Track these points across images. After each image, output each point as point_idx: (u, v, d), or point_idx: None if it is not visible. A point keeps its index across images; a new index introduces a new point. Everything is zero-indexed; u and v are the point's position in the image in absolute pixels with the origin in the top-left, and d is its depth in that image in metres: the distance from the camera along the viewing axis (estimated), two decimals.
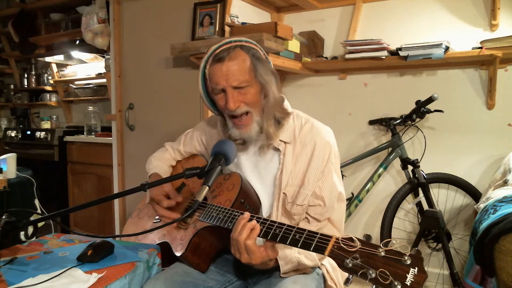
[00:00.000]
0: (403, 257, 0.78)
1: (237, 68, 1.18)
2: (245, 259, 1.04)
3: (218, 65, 1.19)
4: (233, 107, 1.19)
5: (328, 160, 1.24)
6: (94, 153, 3.21)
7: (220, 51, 1.20)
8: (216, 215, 1.16)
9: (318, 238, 0.92)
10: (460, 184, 2.29)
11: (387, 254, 0.80)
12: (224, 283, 1.25)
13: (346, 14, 2.68)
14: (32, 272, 1.07)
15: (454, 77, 2.37)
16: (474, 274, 1.60)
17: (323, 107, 2.75)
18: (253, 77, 1.20)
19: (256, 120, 1.23)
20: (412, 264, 0.77)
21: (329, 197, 1.23)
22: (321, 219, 1.24)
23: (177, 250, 1.21)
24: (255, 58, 1.21)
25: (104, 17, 2.77)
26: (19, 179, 2.40)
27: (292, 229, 0.97)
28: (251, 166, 1.31)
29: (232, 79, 1.18)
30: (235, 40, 1.23)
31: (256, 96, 1.22)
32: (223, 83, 1.19)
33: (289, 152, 1.26)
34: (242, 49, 1.21)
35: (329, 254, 0.87)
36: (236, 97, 1.19)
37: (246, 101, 1.21)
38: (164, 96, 2.39)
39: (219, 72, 1.19)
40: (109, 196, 1.12)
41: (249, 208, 1.22)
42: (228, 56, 1.18)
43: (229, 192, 1.24)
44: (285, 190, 1.23)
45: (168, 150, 1.57)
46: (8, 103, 4.76)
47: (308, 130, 1.28)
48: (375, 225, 2.63)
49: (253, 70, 1.20)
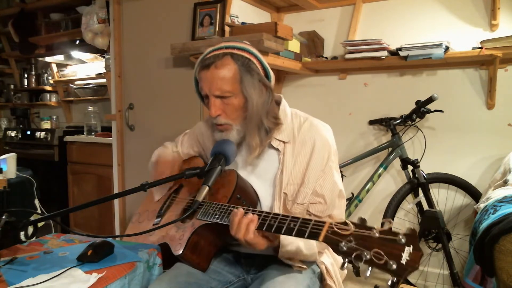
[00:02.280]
0: (398, 236, 0.77)
1: (221, 77, 1.17)
2: (250, 249, 1.08)
3: (204, 71, 1.20)
4: (214, 114, 1.20)
5: (328, 158, 1.24)
6: (94, 153, 3.21)
7: (209, 57, 1.19)
8: (213, 212, 1.16)
9: (312, 224, 0.92)
10: (460, 184, 2.29)
11: (381, 235, 0.79)
12: (226, 284, 1.25)
13: (346, 14, 2.68)
14: (32, 272, 1.07)
15: (454, 77, 2.37)
16: (474, 274, 1.60)
17: (323, 107, 2.75)
18: (238, 88, 1.19)
19: (237, 129, 1.23)
20: (407, 242, 0.76)
21: (330, 195, 1.23)
22: (322, 216, 1.24)
23: (176, 250, 1.21)
24: (244, 68, 1.19)
25: (104, 17, 2.77)
26: (19, 179, 2.41)
27: (286, 218, 0.98)
28: (251, 167, 1.31)
29: (215, 88, 1.18)
30: (227, 46, 1.22)
31: (238, 107, 1.21)
32: (206, 89, 1.20)
33: (289, 151, 1.26)
34: (232, 57, 1.19)
35: (324, 239, 0.87)
36: (218, 105, 1.20)
37: (227, 112, 1.21)
38: (164, 96, 2.39)
39: (204, 78, 1.20)
40: (109, 196, 1.12)
41: (246, 204, 1.22)
42: (214, 64, 1.18)
43: (225, 188, 1.24)
44: (286, 190, 1.23)
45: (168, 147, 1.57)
46: (8, 103, 4.76)
47: (307, 128, 1.27)
48: (375, 225, 2.62)
49: (238, 81, 1.18)
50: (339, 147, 1.32)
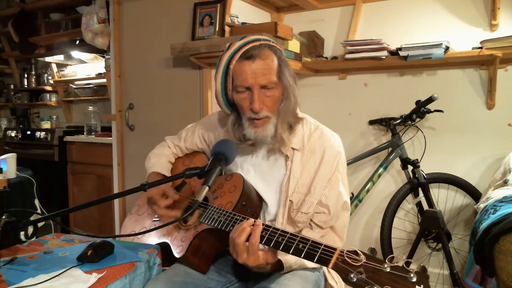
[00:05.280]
0: (409, 274, 0.77)
1: (267, 67, 1.16)
2: (242, 259, 1.02)
3: (247, 62, 1.16)
4: (258, 108, 1.16)
5: (336, 169, 1.23)
6: (94, 153, 3.21)
7: (249, 48, 1.17)
8: (218, 218, 1.15)
9: (322, 249, 0.90)
10: (460, 184, 2.29)
11: (392, 270, 0.78)
12: (225, 284, 1.25)
13: (346, 14, 2.68)
14: (32, 272, 1.07)
15: (454, 77, 2.37)
16: (474, 274, 1.60)
17: (323, 107, 2.75)
18: (279, 79, 1.19)
19: (273, 122, 1.21)
20: (418, 281, 0.76)
21: (334, 206, 1.22)
22: (324, 227, 1.23)
23: (177, 251, 1.20)
24: (281, 60, 1.20)
25: (104, 17, 2.77)
26: (19, 179, 2.41)
27: (296, 238, 0.95)
28: (258, 169, 1.30)
29: (261, 78, 1.15)
30: (264, 38, 1.21)
31: (277, 99, 1.20)
32: (251, 81, 1.16)
33: (297, 159, 1.25)
34: (270, 49, 1.19)
35: (333, 267, 0.85)
36: (261, 98, 1.17)
37: (267, 104, 1.19)
38: (164, 96, 2.39)
39: (249, 69, 1.16)
40: (109, 196, 1.12)
41: (250, 211, 1.22)
42: (259, 55, 1.16)
43: (231, 194, 1.23)
44: (292, 197, 1.22)
45: (168, 145, 1.53)
46: (8, 103, 4.76)
47: (317, 137, 1.26)
48: (375, 225, 2.63)
49: (279, 72, 1.19)
50: None
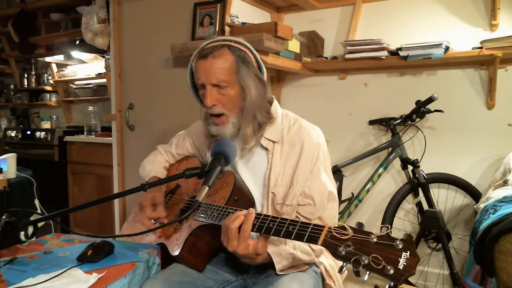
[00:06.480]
0: (395, 242, 0.80)
1: (219, 66, 1.20)
2: (232, 247, 1.03)
3: (202, 61, 1.22)
4: (209, 104, 1.22)
5: (317, 159, 1.25)
6: (94, 153, 3.21)
7: (207, 48, 1.23)
8: (211, 213, 1.16)
9: (311, 228, 0.93)
10: (460, 184, 2.29)
11: (379, 240, 0.82)
12: (223, 283, 1.25)
13: (346, 14, 2.68)
14: (32, 272, 1.07)
15: (454, 77, 2.37)
16: (474, 274, 1.60)
17: (323, 107, 2.75)
18: (235, 79, 1.22)
19: (232, 121, 1.25)
20: (404, 248, 0.79)
21: (319, 196, 1.23)
22: (311, 218, 1.24)
23: (173, 250, 1.21)
24: (241, 60, 1.23)
25: (104, 17, 2.77)
26: (19, 179, 2.40)
27: (285, 221, 0.98)
28: (243, 163, 1.32)
29: (212, 77, 1.21)
30: (224, 39, 1.26)
31: (234, 98, 1.23)
32: (203, 78, 1.22)
33: (277, 151, 1.27)
34: (229, 49, 1.23)
35: (322, 243, 0.88)
36: (214, 95, 1.22)
37: (223, 102, 1.23)
38: (164, 96, 2.39)
39: (202, 67, 1.22)
40: (109, 196, 1.12)
41: (243, 205, 1.22)
42: (212, 54, 1.21)
43: (223, 190, 1.24)
44: (274, 190, 1.24)
45: (160, 152, 1.58)
46: (8, 103, 4.76)
47: (296, 130, 1.29)
48: (375, 225, 2.63)
49: (235, 71, 1.22)
50: (339, 147, 1.32)
